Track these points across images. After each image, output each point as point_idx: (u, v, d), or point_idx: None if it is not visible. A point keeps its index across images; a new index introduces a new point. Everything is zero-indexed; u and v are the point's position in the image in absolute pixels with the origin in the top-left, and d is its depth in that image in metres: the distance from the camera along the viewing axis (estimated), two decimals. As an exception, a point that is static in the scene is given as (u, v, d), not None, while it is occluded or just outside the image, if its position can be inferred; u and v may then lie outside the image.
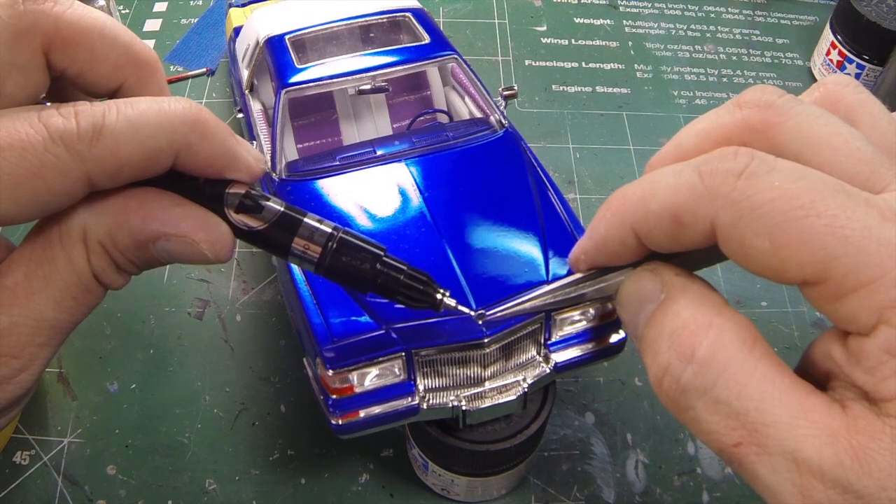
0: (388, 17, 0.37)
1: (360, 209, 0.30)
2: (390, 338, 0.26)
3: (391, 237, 0.29)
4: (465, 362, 0.27)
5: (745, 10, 0.58)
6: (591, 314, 0.28)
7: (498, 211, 0.30)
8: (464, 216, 0.30)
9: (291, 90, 0.33)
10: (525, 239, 0.29)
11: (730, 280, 0.42)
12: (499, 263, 0.28)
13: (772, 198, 0.19)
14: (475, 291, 0.27)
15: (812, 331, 0.41)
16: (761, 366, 0.20)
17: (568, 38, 0.54)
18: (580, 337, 0.29)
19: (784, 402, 0.19)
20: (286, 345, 0.39)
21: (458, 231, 0.29)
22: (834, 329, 0.21)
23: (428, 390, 0.27)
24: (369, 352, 0.26)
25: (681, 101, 0.51)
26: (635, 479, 0.36)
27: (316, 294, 0.27)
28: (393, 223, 0.30)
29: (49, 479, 0.34)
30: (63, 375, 0.37)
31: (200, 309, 0.40)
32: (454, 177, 0.32)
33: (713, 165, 0.20)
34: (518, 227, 0.30)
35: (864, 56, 0.48)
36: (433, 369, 0.27)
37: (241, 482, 0.35)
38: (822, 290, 0.20)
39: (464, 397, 0.27)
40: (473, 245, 0.29)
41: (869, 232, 0.19)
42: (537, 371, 0.28)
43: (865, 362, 0.19)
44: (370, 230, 0.29)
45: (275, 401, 0.37)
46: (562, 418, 0.37)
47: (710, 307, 0.21)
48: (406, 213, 0.30)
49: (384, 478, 0.35)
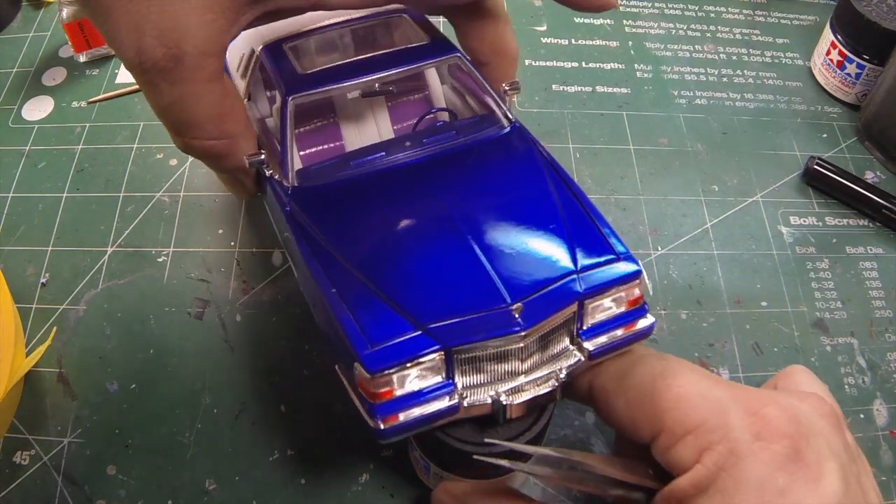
0: (384, 18, 0.37)
1: (381, 214, 0.30)
2: (428, 338, 0.26)
3: (417, 241, 0.29)
4: (502, 357, 0.27)
5: (745, 10, 0.58)
6: (622, 297, 0.29)
7: (518, 204, 0.30)
8: (485, 212, 0.30)
9: (298, 97, 0.32)
10: (548, 230, 0.29)
11: (729, 280, 0.42)
12: (526, 256, 0.28)
13: (640, 371, 0.25)
14: (507, 285, 0.27)
15: (812, 331, 0.41)
16: None
17: (568, 38, 0.54)
18: (611, 324, 0.29)
19: None
20: (286, 345, 0.39)
21: (482, 227, 0.29)
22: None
23: (466, 388, 0.27)
24: (408, 353, 0.25)
25: (681, 100, 0.51)
26: (635, 479, 0.36)
27: (345, 299, 0.27)
28: (416, 226, 0.29)
29: (49, 479, 0.34)
30: (63, 375, 0.37)
31: (200, 309, 0.40)
32: (470, 173, 0.32)
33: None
34: (540, 218, 0.30)
35: (864, 56, 0.48)
36: (471, 366, 0.27)
37: (241, 482, 0.35)
38: (661, 440, 0.24)
39: (502, 392, 0.27)
40: (499, 239, 0.29)
41: (698, 389, 0.24)
42: (572, 360, 0.28)
43: (679, 497, 0.23)
44: (395, 236, 0.29)
45: (275, 401, 0.37)
46: (562, 418, 0.37)
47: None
48: (428, 213, 0.30)
49: (384, 478, 0.35)
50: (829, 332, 0.41)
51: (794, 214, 0.46)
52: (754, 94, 0.52)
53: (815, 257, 0.44)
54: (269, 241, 0.42)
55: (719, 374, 0.39)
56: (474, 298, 0.26)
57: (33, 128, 0.47)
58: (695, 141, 0.48)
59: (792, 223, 0.45)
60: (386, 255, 0.28)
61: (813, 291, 0.43)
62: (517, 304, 0.25)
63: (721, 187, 0.46)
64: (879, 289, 0.43)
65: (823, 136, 0.50)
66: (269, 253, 0.42)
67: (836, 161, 0.47)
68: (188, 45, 0.24)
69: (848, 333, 0.41)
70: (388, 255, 0.28)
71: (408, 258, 0.28)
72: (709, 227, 0.45)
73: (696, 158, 0.48)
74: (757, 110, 0.51)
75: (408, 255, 0.28)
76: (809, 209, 0.46)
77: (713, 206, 0.45)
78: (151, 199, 0.44)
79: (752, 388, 0.26)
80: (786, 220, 0.45)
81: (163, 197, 0.44)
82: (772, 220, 0.45)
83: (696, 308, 0.41)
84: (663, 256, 0.43)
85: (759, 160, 0.48)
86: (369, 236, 0.29)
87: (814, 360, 0.40)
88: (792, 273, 0.43)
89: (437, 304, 0.26)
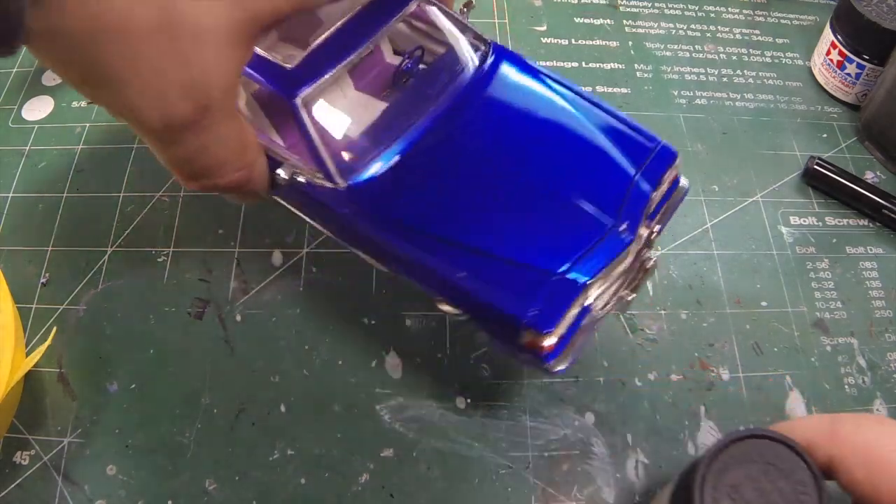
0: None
1: (448, 183, 0.31)
2: (568, 281, 0.28)
3: (499, 199, 0.30)
4: (616, 265, 0.30)
5: (745, 10, 0.58)
6: (668, 177, 0.32)
7: (557, 132, 0.33)
8: (537, 150, 0.32)
9: (304, 94, 0.29)
10: (596, 146, 0.32)
11: (729, 280, 0.42)
12: (594, 178, 0.31)
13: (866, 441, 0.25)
14: (600, 210, 0.30)
15: (812, 331, 0.41)
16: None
17: (568, 38, 0.54)
18: (664, 199, 0.33)
19: None
20: (286, 345, 0.39)
21: (545, 168, 0.31)
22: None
23: (597, 299, 0.30)
24: (563, 304, 0.28)
25: (681, 100, 0.51)
26: (635, 479, 0.36)
27: (480, 277, 0.29)
28: (490, 185, 0.31)
29: (49, 479, 0.34)
30: (63, 375, 0.37)
31: (200, 309, 0.40)
32: (495, 114, 0.33)
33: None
34: (584, 139, 0.32)
35: (864, 56, 0.48)
36: (599, 284, 0.30)
37: (241, 482, 0.35)
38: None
39: (620, 294, 0.31)
40: (565, 173, 0.31)
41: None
42: (650, 252, 0.32)
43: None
44: (477, 201, 0.30)
45: (275, 401, 0.37)
46: (562, 418, 0.37)
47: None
48: (491, 169, 0.31)
49: (384, 478, 0.35)
50: (829, 332, 0.41)
51: (794, 214, 0.46)
52: (754, 94, 0.52)
53: (815, 257, 0.44)
54: (269, 241, 0.42)
55: (719, 374, 0.39)
56: (581, 232, 0.30)
57: (33, 128, 0.47)
58: (695, 141, 0.48)
59: (792, 223, 0.45)
60: (481, 222, 0.30)
61: (813, 291, 0.43)
62: (623, 226, 0.30)
63: (721, 187, 0.46)
64: (879, 289, 0.43)
65: (823, 136, 0.50)
66: (269, 253, 0.42)
67: (836, 161, 0.47)
68: (214, 89, 0.23)
69: (848, 333, 0.41)
70: (483, 221, 0.30)
71: (503, 218, 0.30)
72: (709, 226, 0.45)
73: (696, 158, 0.48)
74: (757, 110, 0.51)
75: (500, 214, 0.30)
76: (809, 209, 0.46)
77: (713, 206, 0.45)
78: (151, 199, 0.44)
79: None
80: (786, 220, 0.45)
81: (163, 197, 0.44)
82: (772, 220, 0.45)
83: (696, 308, 0.41)
84: (663, 256, 0.43)
85: (759, 160, 0.48)
86: (453, 208, 0.30)
87: (814, 360, 0.40)
88: (792, 273, 0.43)
89: (556, 250, 0.29)
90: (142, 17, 0.21)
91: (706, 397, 0.39)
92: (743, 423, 0.38)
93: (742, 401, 0.38)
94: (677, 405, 0.38)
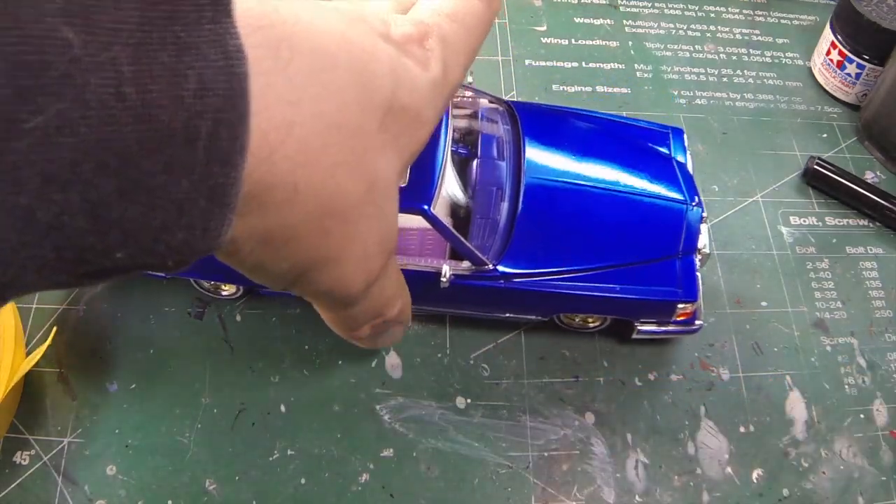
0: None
1: (560, 227, 0.36)
2: (686, 258, 0.36)
3: (612, 217, 0.36)
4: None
5: (745, 10, 0.58)
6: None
7: (596, 144, 0.39)
8: (593, 164, 0.37)
9: (432, 205, 0.31)
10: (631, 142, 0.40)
11: (729, 280, 0.42)
12: (649, 170, 0.38)
13: None
14: (671, 190, 0.37)
15: (812, 331, 0.41)
16: None
17: (568, 38, 0.54)
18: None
19: None
20: (286, 345, 0.39)
21: (609, 177, 0.37)
22: None
23: (700, 263, 0.37)
24: (694, 276, 0.36)
25: (681, 100, 0.51)
26: (635, 479, 0.36)
27: (632, 285, 0.35)
28: (599, 208, 0.36)
29: (49, 479, 0.34)
30: (63, 375, 0.37)
31: (200, 309, 0.40)
32: (551, 150, 0.38)
33: None
34: (617, 141, 0.39)
35: (864, 56, 0.48)
36: (699, 254, 0.37)
37: (241, 482, 0.35)
38: None
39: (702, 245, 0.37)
40: (626, 175, 0.37)
41: None
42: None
43: None
44: (593, 223, 0.36)
45: (275, 401, 0.37)
46: (562, 418, 0.37)
47: None
48: (577, 196, 0.36)
49: (384, 478, 0.35)
50: (829, 332, 0.41)
51: (794, 214, 0.46)
52: (754, 94, 0.52)
53: (815, 257, 0.44)
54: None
55: (719, 373, 0.39)
56: (671, 219, 0.37)
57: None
58: (695, 141, 0.48)
59: (792, 223, 0.45)
60: (602, 242, 0.36)
61: (813, 291, 0.43)
62: (694, 201, 0.37)
63: (721, 187, 0.46)
64: (879, 289, 0.43)
65: (823, 136, 0.50)
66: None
67: (836, 161, 0.47)
68: (396, 234, 0.22)
69: (848, 333, 0.41)
70: (602, 240, 0.36)
71: (614, 230, 0.36)
72: (709, 226, 0.45)
73: (696, 158, 0.48)
74: (757, 110, 0.51)
75: (611, 229, 0.36)
76: (809, 209, 0.46)
77: (713, 206, 0.45)
78: (151, 199, 0.44)
79: None
80: (786, 220, 0.45)
81: (163, 197, 0.44)
82: (772, 220, 0.45)
83: (696, 308, 0.41)
84: (663, 256, 0.43)
85: (758, 160, 0.48)
86: (578, 242, 0.35)
87: (814, 360, 0.40)
88: (792, 273, 0.43)
89: (664, 239, 0.36)
90: (355, 191, 0.20)
91: (706, 397, 0.39)
92: (743, 423, 0.38)
93: (742, 401, 0.39)
94: (677, 405, 0.38)
